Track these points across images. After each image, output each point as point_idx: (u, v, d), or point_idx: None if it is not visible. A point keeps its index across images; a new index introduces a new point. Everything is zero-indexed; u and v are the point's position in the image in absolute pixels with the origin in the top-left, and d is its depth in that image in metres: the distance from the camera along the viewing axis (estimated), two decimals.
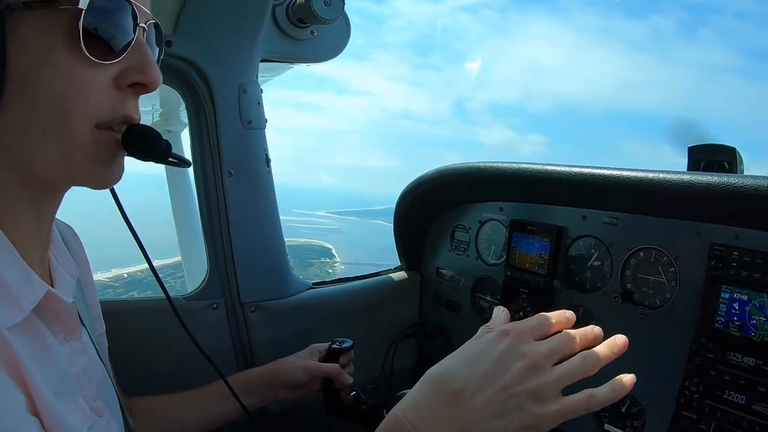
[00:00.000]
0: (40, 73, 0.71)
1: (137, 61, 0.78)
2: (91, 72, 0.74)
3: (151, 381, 1.37)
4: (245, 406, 1.39)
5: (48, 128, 0.73)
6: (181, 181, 3.89)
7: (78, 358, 0.89)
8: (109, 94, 0.77)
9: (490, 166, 1.62)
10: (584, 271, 1.50)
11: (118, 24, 0.76)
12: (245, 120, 1.66)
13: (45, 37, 0.71)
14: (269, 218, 1.75)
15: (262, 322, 1.76)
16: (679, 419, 1.21)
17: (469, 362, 0.81)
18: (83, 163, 0.77)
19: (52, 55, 0.71)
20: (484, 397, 0.76)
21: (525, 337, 0.82)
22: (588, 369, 0.81)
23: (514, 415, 0.76)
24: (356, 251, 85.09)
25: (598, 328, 0.87)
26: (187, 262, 3.89)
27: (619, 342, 0.86)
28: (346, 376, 1.53)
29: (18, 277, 0.76)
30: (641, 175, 1.25)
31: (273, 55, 1.76)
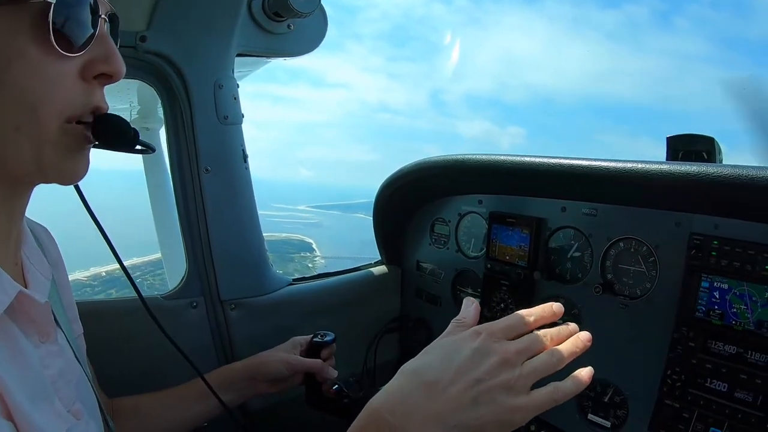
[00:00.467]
0: (9, 70, 0.70)
1: (101, 52, 0.79)
2: (59, 65, 0.74)
3: (133, 381, 1.36)
4: (224, 402, 1.38)
5: (20, 124, 0.72)
6: (159, 178, 3.87)
7: (54, 360, 0.88)
8: (76, 87, 0.77)
9: (469, 158, 1.61)
10: (564, 263, 1.50)
11: (82, 17, 0.76)
12: (221, 116, 1.64)
13: (13, 32, 0.70)
14: (247, 214, 1.74)
15: (243, 319, 1.75)
16: (662, 408, 1.22)
17: (443, 357, 0.84)
18: (53, 157, 0.77)
19: (21, 51, 0.71)
20: (457, 389, 0.79)
21: (497, 336, 0.86)
22: (554, 364, 0.85)
23: (487, 406, 0.79)
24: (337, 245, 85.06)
25: (573, 325, 0.92)
26: (168, 260, 3.87)
27: (583, 338, 0.90)
28: (330, 369, 1.52)
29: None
30: (620, 165, 1.25)
31: (249, 50, 1.74)
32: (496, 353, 0.83)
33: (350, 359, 1.80)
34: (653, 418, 1.24)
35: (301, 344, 1.56)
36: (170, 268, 3.85)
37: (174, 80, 1.59)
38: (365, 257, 2.16)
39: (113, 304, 1.67)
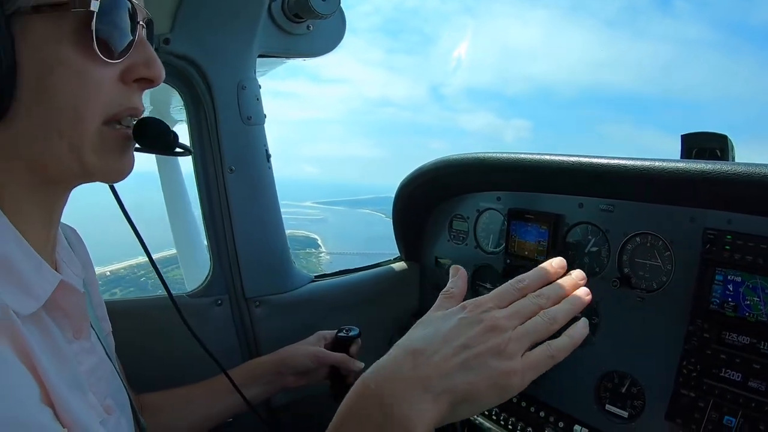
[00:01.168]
0: (52, 76, 0.73)
1: (141, 57, 0.82)
2: (100, 70, 0.77)
3: (158, 378, 1.41)
4: (249, 397, 1.43)
5: (63, 129, 0.76)
6: (174, 178, 3.90)
7: (86, 356, 0.92)
8: (116, 90, 0.81)
9: (488, 156, 1.66)
10: (582, 257, 1.54)
11: (122, 23, 0.79)
12: (245, 116, 1.69)
13: (55, 39, 0.73)
14: (271, 213, 1.80)
15: (267, 316, 1.80)
16: (678, 398, 1.26)
17: (431, 329, 0.86)
18: (96, 158, 0.80)
19: (64, 57, 0.74)
20: (443, 355, 0.81)
21: (484, 306, 0.88)
22: (547, 326, 0.87)
23: (478, 371, 0.80)
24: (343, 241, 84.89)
25: (573, 277, 0.96)
26: (183, 258, 3.91)
27: (580, 294, 0.94)
28: (355, 362, 1.57)
29: (31, 267, 0.79)
30: (638, 164, 1.30)
31: (269, 51, 1.79)
32: (483, 321, 0.85)
33: (371, 354, 1.85)
34: (669, 407, 1.28)
35: (326, 338, 1.62)
36: (186, 266, 3.91)
37: (197, 82, 1.64)
38: (371, 252, 2.21)
39: (139, 303, 1.73)
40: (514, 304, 0.89)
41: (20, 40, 0.71)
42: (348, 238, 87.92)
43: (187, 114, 1.75)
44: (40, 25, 0.72)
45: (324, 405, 1.64)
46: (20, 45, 0.71)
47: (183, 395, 1.43)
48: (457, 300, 0.95)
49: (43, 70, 0.73)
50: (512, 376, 0.81)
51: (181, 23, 1.56)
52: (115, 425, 0.95)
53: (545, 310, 0.89)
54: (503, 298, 0.90)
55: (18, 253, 0.78)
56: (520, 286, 0.92)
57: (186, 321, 1.32)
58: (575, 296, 0.93)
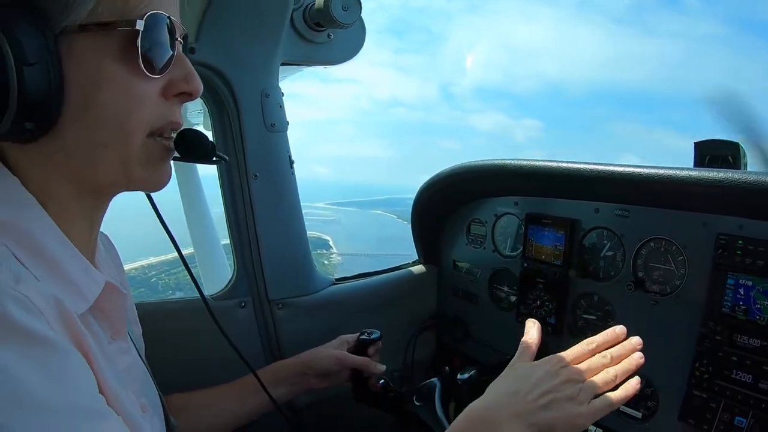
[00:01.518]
0: (99, 92, 0.77)
1: (181, 72, 0.87)
2: (143, 85, 0.81)
3: (183, 379, 1.43)
4: (274, 398, 1.47)
5: (108, 141, 0.80)
6: (191, 180, 3.95)
7: (123, 357, 0.96)
8: (158, 104, 0.85)
9: (507, 163, 1.70)
10: (598, 261, 1.58)
11: (163, 40, 0.82)
12: (268, 123, 1.74)
13: (101, 56, 0.77)
14: (294, 217, 1.84)
15: (289, 317, 1.85)
16: (690, 399, 1.30)
17: (523, 377, 1.11)
18: (139, 169, 0.85)
19: (109, 73, 0.78)
20: (533, 396, 1.05)
21: (563, 362, 1.13)
22: (610, 381, 1.10)
23: (556, 411, 1.05)
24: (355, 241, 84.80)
25: (633, 343, 1.17)
26: (202, 261, 3.95)
27: (636, 357, 1.14)
28: (377, 365, 1.60)
29: (79, 269, 0.83)
30: (653, 172, 1.33)
31: (291, 59, 1.83)
32: (563, 374, 1.09)
33: (390, 355, 1.89)
34: (682, 408, 1.32)
35: (348, 342, 1.65)
36: (204, 269, 3.94)
37: (222, 90, 1.69)
38: (381, 254, 2.25)
39: (165, 305, 1.79)
40: (585, 361, 1.14)
41: (67, 57, 0.75)
42: (360, 239, 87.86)
43: (212, 121, 1.79)
44: (86, 43, 0.76)
45: (345, 406, 1.68)
46: (67, 62, 0.75)
47: (210, 396, 1.47)
48: (535, 348, 1.21)
49: (90, 86, 0.77)
50: (580, 418, 1.06)
51: (206, 33, 1.60)
52: (149, 424, 0.98)
53: (608, 369, 1.12)
54: (578, 356, 1.14)
55: (67, 256, 0.82)
56: (591, 347, 1.16)
57: (218, 323, 1.36)
58: (632, 358, 1.14)
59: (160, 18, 0.81)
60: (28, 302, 0.68)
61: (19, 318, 0.65)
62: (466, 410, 1.09)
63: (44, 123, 0.76)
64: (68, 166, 0.82)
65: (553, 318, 1.65)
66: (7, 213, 0.77)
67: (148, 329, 1.27)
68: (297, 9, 1.76)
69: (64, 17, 0.74)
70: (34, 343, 0.66)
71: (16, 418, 0.61)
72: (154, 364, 1.19)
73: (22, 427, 0.61)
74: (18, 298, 0.67)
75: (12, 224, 0.76)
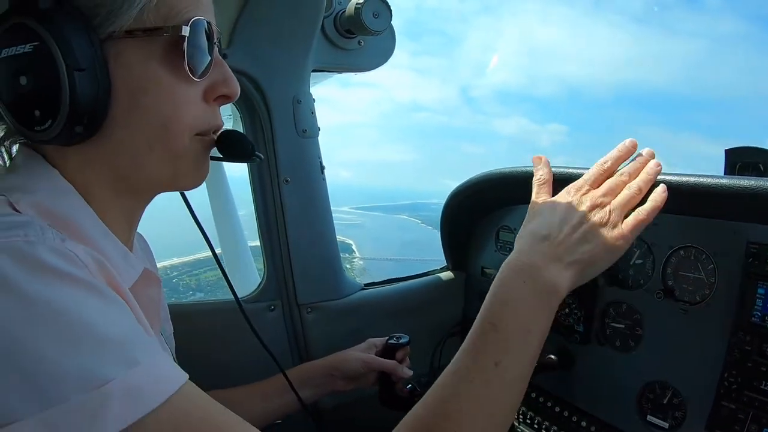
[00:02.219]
0: (146, 96, 0.83)
1: (220, 75, 0.92)
2: (186, 89, 0.87)
3: (212, 380, 1.45)
4: (301, 398, 1.51)
5: (153, 143, 0.86)
6: (219, 181, 4.02)
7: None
8: (201, 107, 0.90)
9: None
10: (627, 269, 1.57)
11: (204, 45, 0.87)
12: (300, 129, 1.79)
13: (147, 61, 0.83)
14: (324, 222, 1.89)
15: (318, 322, 1.90)
16: (718, 409, 1.28)
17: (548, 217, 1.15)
18: (185, 168, 0.91)
19: (155, 77, 0.83)
20: (565, 234, 1.10)
21: (583, 189, 1.17)
22: (635, 196, 1.15)
23: (595, 241, 1.09)
24: (378, 246, 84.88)
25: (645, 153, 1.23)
26: (229, 262, 4.04)
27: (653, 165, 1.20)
28: (404, 369, 1.64)
29: (119, 255, 0.89)
30: (682, 180, 1.33)
31: (322, 65, 1.89)
32: (587, 202, 1.13)
33: (417, 361, 1.91)
34: (710, 419, 1.30)
35: (376, 345, 1.69)
36: (231, 270, 4.01)
37: (254, 96, 1.74)
38: (403, 258, 2.28)
39: (197, 307, 1.85)
40: (605, 183, 1.17)
41: (113, 62, 0.81)
42: (383, 243, 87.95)
43: (244, 126, 1.85)
44: (132, 48, 0.82)
45: (371, 410, 1.71)
46: (114, 67, 0.81)
47: (237, 395, 1.52)
48: (550, 184, 1.27)
49: (136, 90, 0.83)
50: (618, 241, 1.10)
51: (239, 39, 1.65)
52: None
53: (630, 183, 1.16)
54: (596, 179, 1.18)
55: (107, 242, 0.87)
56: (606, 167, 1.19)
57: (251, 324, 1.40)
58: (649, 168, 1.19)
59: (201, 23, 0.86)
60: (74, 256, 0.72)
61: (66, 268, 0.69)
62: (502, 269, 1.12)
63: (92, 127, 0.81)
64: (110, 168, 0.87)
65: (581, 326, 1.65)
66: (49, 201, 0.82)
67: (179, 330, 1.33)
68: (328, 16, 1.83)
69: (110, 23, 0.79)
70: (82, 287, 0.70)
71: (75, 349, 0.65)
72: (182, 364, 1.23)
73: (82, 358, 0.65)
74: (65, 252, 0.71)
75: (53, 211, 0.81)
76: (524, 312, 1.06)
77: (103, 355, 0.67)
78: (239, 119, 1.90)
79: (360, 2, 1.77)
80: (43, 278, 0.67)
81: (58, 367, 0.63)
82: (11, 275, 0.64)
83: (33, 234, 0.71)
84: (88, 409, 0.63)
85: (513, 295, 1.07)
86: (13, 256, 0.66)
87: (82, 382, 0.64)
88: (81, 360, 0.65)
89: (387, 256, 66.24)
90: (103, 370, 0.66)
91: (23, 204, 0.78)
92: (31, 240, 0.69)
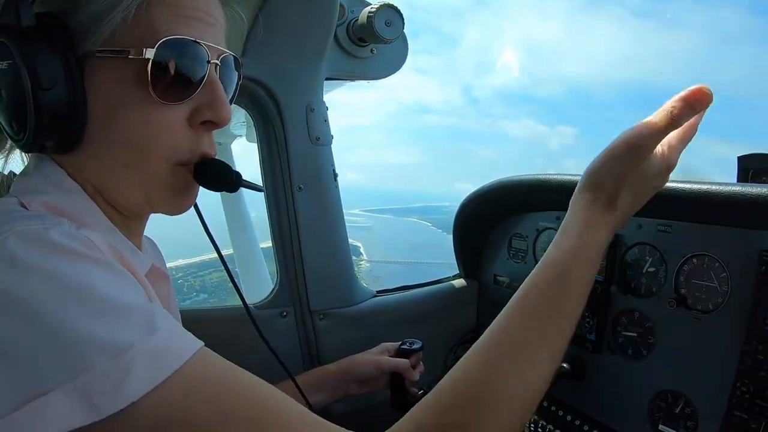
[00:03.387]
0: (116, 114, 0.84)
1: (207, 99, 0.89)
2: (164, 113, 0.86)
3: None
4: (314, 403, 1.54)
5: (128, 162, 0.87)
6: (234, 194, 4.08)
7: None
8: (184, 133, 0.89)
9: (550, 177, 1.72)
10: (640, 277, 1.58)
11: (187, 66, 0.86)
12: (313, 137, 1.82)
13: (119, 81, 0.84)
14: (337, 229, 1.92)
15: (330, 329, 1.92)
16: (730, 419, 1.28)
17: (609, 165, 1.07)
18: (160, 194, 0.91)
19: (127, 98, 0.84)
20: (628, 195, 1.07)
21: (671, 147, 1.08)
22: (688, 136, 1.09)
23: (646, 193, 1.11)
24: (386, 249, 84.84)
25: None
26: (241, 265, 4.09)
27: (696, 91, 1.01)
28: (416, 372, 1.66)
29: (127, 250, 0.90)
30: (695, 187, 1.35)
31: (335, 74, 1.91)
32: (671, 166, 1.09)
33: (429, 368, 1.92)
34: (722, 428, 1.30)
35: (389, 350, 1.71)
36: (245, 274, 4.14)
37: (268, 104, 1.77)
38: (411, 261, 2.30)
39: (206, 313, 1.88)
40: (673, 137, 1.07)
41: (88, 80, 0.83)
42: (392, 246, 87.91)
43: (257, 133, 1.88)
44: (104, 68, 0.84)
45: (383, 415, 1.74)
46: (88, 85, 0.83)
47: None
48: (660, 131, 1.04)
49: (108, 110, 0.84)
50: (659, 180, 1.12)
51: (252, 48, 1.68)
52: None
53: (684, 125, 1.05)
54: (666, 127, 1.02)
55: (116, 239, 0.89)
56: (659, 125, 1.02)
57: (259, 330, 1.42)
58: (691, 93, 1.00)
59: (180, 43, 0.85)
60: (89, 241, 0.75)
61: (81, 249, 0.73)
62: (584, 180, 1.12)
63: (66, 141, 0.84)
64: (93, 181, 0.89)
65: (593, 334, 1.66)
66: (60, 200, 0.85)
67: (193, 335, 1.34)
68: (341, 24, 1.85)
69: (85, 41, 0.81)
70: (100, 265, 0.74)
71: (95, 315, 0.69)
72: None
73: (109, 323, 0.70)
74: (79, 237, 0.75)
75: (64, 210, 0.83)
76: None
77: (125, 323, 0.71)
78: (252, 127, 1.93)
79: (372, 11, 1.79)
80: (62, 257, 0.70)
81: (84, 337, 0.67)
82: (31, 257, 0.68)
83: (49, 222, 0.75)
84: (116, 373, 0.67)
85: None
86: (33, 240, 0.70)
87: (108, 349, 0.67)
88: (105, 329, 0.68)
89: (395, 259, 66.23)
90: (126, 336, 0.69)
91: (35, 204, 0.82)
92: (47, 226, 0.73)
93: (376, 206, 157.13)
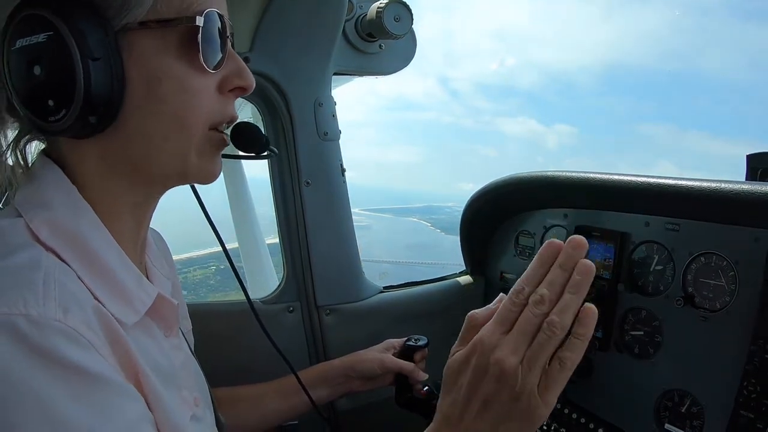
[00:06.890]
0: (161, 86, 0.85)
1: (234, 67, 0.93)
2: (201, 81, 0.88)
3: (230, 380, 1.53)
4: (316, 398, 1.56)
5: (168, 134, 0.88)
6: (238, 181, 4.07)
7: (177, 352, 1.03)
8: (215, 99, 0.91)
9: (557, 175, 1.74)
10: (647, 275, 1.59)
11: (218, 36, 0.88)
12: (321, 132, 1.84)
13: (161, 52, 0.84)
14: (344, 225, 1.94)
15: (336, 324, 1.94)
16: (737, 418, 1.29)
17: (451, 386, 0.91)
18: (196, 161, 0.92)
19: (169, 69, 0.85)
20: (471, 416, 0.87)
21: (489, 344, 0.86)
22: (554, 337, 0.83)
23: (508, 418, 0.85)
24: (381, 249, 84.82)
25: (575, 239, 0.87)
26: (246, 259, 4.15)
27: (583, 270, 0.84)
28: (421, 372, 1.66)
29: (132, 280, 0.89)
30: (704, 185, 1.36)
31: (343, 69, 1.93)
32: (491, 368, 0.84)
33: (435, 365, 1.94)
34: (728, 428, 1.31)
35: (394, 346, 1.72)
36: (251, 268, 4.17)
37: (276, 99, 1.79)
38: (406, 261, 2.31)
39: (215, 307, 1.90)
40: (516, 326, 0.85)
41: (127, 53, 0.82)
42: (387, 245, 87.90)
43: (265, 128, 1.90)
44: (146, 39, 0.84)
45: (386, 412, 1.75)
46: (128, 58, 0.82)
47: (255, 392, 1.57)
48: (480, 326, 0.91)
49: (150, 82, 0.84)
50: (536, 409, 0.83)
51: (261, 43, 1.70)
52: (202, 416, 1.06)
53: (548, 319, 0.83)
54: (505, 321, 0.87)
55: (121, 267, 0.88)
56: (519, 299, 0.87)
57: (263, 324, 1.45)
58: (574, 280, 0.84)
59: (215, 15, 0.88)
60: (76, 335, 0.72)
61: (68, 354, 0.70)
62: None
63: (106, 117, 0.83)
64: (124, 160, 0.89)
65: (600, 332, 1.67)
66: (65, 219, 0.84)
67: (198, 329, 1.37)
68: (349, 20, 1.87)
69: (124, 15, 0.81)
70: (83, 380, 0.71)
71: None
72: (201, 363, 1.27)
73: None
74: (66, 331, 0.71)
75: (69, 230, 0.83)
76: None
77: None
78: (261, 121, 1.94)
79: (381, 6, 1.81)
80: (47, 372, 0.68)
81: None
82: (13, 366, 0.67)
83: (33, 301, 0.71)
84: None
85: None
86: (14, 339, 0.68)
87: None
88: None
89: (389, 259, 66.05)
90: None
91: (37, 222, 0.81)
92: (31, 315, 0.69)
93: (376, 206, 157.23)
